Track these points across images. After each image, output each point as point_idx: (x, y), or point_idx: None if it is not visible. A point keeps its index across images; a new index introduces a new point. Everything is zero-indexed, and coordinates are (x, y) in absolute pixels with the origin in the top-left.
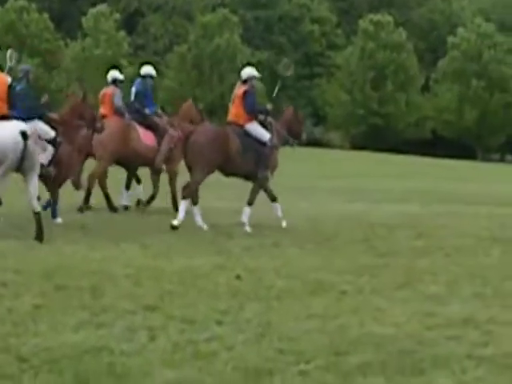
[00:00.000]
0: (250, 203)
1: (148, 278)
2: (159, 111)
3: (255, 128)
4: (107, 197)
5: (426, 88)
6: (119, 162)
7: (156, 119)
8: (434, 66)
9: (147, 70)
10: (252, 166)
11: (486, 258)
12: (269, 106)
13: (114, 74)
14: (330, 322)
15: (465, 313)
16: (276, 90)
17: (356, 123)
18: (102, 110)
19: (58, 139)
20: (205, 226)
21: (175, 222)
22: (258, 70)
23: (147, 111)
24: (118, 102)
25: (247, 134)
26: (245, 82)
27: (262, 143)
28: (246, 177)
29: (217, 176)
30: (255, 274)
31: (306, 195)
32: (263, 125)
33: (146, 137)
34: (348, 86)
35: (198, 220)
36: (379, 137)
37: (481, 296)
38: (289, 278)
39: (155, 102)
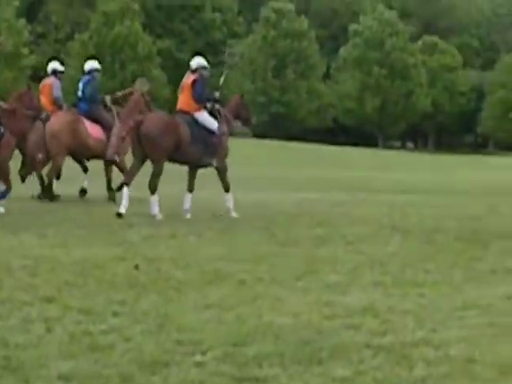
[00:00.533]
0: (226, 190)
1: (45, 269)
2: (108, 104)
3: (204, 116)
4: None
5: (327, 76)
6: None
7: (103, 112)
8: (335, 53)
9: (92, 64)
10: (201, 154)
11: (386, 246)
12: (217, 94)
13: (53, 65)
14: (228, 312)
15: (364, 302)
16: (222, 79)
17: (258, 112)
18: (42, 101)
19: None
20: (160, 215)
21: (122, 210)
22: (160, 58)
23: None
24: (57, 92)
25: (196, 123)
26: (194, 71)
27: (211, 131)
28: (196, 165)
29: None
30: (154, 265)
31: (205, 184)
32: (211, 113)
33: (93, 130)
34: (250, 75)
35: (155, 209)
36: (281, 125)
37: (381, 284)
38: (187, 267)
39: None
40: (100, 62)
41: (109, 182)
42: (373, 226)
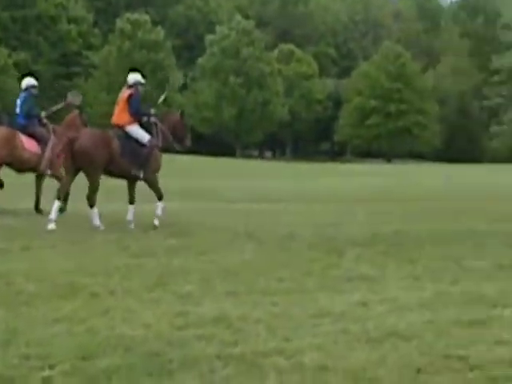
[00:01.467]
0: (158, 199)
1: None
2: (44, 120)
3: (135, 130)
4: None
5: (184, 86)
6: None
7: (39, 127)
8: (192, 63)
9: (28, 81)
10: (130, 165)
11: (240, 254)
12: (152, 110)
13: None
14: (79, 326)
15: (216, 311)
16: (162, 98)
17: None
18: None
19: None
20: (102, 226)
21: (50, 226)
22: (16, 70)
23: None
24: None
25: (127, 135)
26: (130, 86)
27: (142, 144)
28: (127, 177)
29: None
30: (4, 279)
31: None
32: (146, 127)
33: (29, 144)
34: (106, 86)
35: (96, 221)
36: None
37: (233, 294)
38: (40, 281)
39: None
40: None
41: (38, 196)
42: (227, 234)
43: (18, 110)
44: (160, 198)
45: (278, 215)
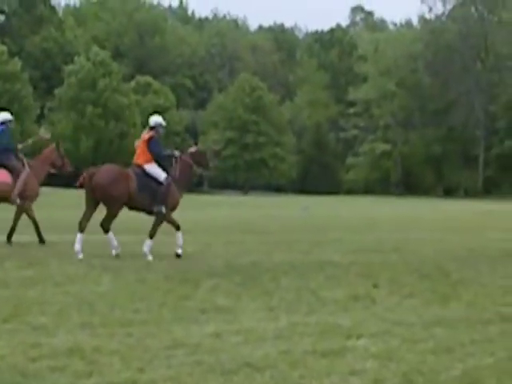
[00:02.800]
0: (151, 236)
1: None
2: (19, 154)
3: (153, 168)
4: None
5: (42, 116)
6: None
7: (13, 159)
8: (49, 94)
9: (5, 116)
10: (148, 201)
11: (96, 286)
12: (176, 152)
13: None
14: None
15: (71, 343)
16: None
17: None
18: None
19: None
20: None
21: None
22: None
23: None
24: None
25: (146, 174)
26: (152, 128)
27: (159, 182)
28: (145, 211)
29: None
30: None
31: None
32: (163, 164)
33: (1, 175)
34: None
35: (114, 244)
36: None
37: (88, 325)
38: None
39: None
40: None
41: (13, 228)
42: (83, 265)
43: None
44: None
45: (135, 246)
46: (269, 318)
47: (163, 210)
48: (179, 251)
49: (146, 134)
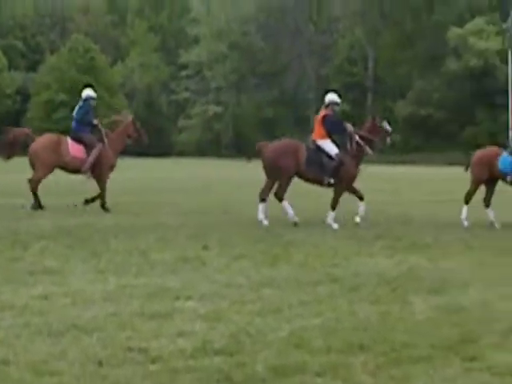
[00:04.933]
0: (333, 207)
1: None
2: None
3: (325, 144)
4: None
5: None
6: None
7: (89, 136)
8: None
9: (87, 93)
10: (317, 173)
11: None
12: (349, 127)
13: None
14: None
15: None
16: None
17: None
18: None
19: None
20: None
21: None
22: None
23: None
24: None
25: (318, 148)
26: (327, 106)
27: (330, 156)
28: (314, 182)
29: None
30: None
31: None
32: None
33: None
34: None
35: (290, 212)
36: None
37: None
38: None
39: None
40: None
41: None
42: None
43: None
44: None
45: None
46: (97, 280)
47: (332, 181)
48: (358, 219)
49: (321, 113)
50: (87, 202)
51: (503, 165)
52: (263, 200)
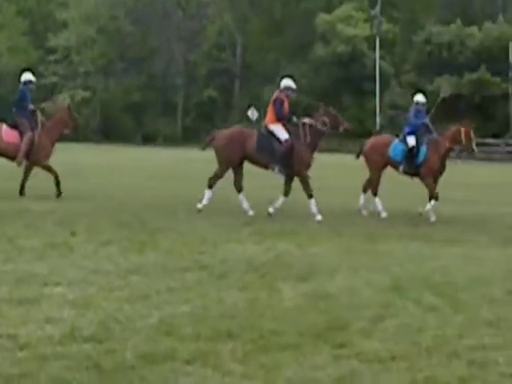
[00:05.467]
0: (308, 197)
1: None
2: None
3: (277, 129)
4: None
5: None
6: None
7: (25, 122)
8: None
9: (26, 76)
10: (267, 159)
11: None
12: (294, 119)
13: None
14: None
15: None
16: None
17: None
18: None
19: None
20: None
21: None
22: None
23: None
24: None
25: (271, 134)
26: (281, 90)
27: (280, 141)
28: (265, 166)
29: None
30: None
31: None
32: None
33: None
34: None
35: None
36: None
37: None
38: None
39: None
40: None
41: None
42: None
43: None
44: (309, 195)
45: None
46: None
47: (277, 168)
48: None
49: (274, 96)
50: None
51: (394, 152)
52: (239, 191)
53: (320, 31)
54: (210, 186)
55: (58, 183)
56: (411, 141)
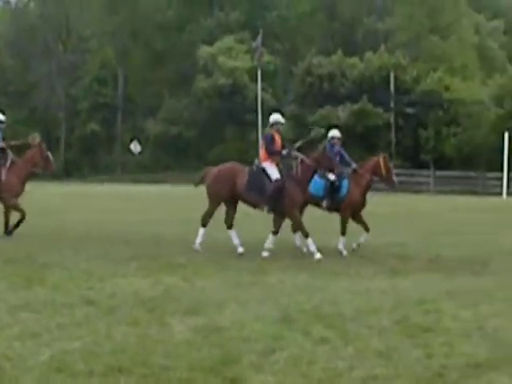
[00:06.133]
0: (293, 230)
1: None
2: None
3: (268, 166)
4: None
5: None
6: None
7: None
8: None
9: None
10: (256, 199)
11: None
12: (284, 152)
13: None
14: None
15: None
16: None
17: None
18: None
19: None
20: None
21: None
22: None
23: None
24: None
25: (263, 171)
26: (271, 126)
27: (271, 179)
28: (253, 206)
29: None
30: None
31: None
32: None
33: None
34: None
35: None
36: None
37: None
38: None
39: None
40: None
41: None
42: None
43: None
44: (295, 230)
45: None
46: None
47: (267, 208)
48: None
49: (264, 133)
50: (13, 227)
51: (315, 189)
52: (229, 227)
53: (202, 63)
54: (204, 225)
55: (19, 222)
56: (331, 176)
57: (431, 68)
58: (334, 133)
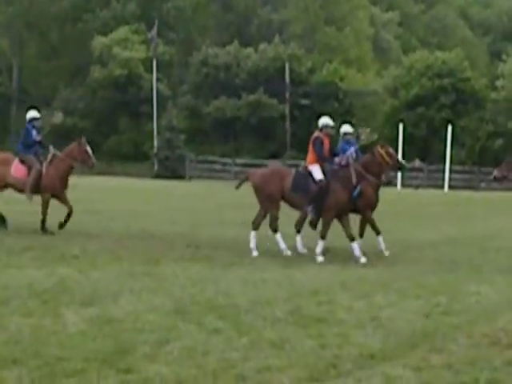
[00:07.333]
0: (322, 237)
1: None
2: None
3: (314, 169)
4: None
5: None
6: None
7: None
8: None
9: (31, 114)
10: (303, 200)
11: None
12: (336, 160)
13: None
14: None
15: None
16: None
17: None
18: None
19: None
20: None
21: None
22: None
23: None
24: None
25: (309, 174)
26: (320, 129)
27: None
28: (296, 207)
29: None
30: None
31: None
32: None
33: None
34: None
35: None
36: None
37: None
38: None
39: None
40: None
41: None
42: None
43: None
44: (350, 238)
45: None
46: None
47: (309, 209)
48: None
49: (313, 135)
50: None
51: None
52: (254, 229)
53: (97, 54)
54: (275, 231)
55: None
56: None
57: (326, 59)
58: (346, 128)
